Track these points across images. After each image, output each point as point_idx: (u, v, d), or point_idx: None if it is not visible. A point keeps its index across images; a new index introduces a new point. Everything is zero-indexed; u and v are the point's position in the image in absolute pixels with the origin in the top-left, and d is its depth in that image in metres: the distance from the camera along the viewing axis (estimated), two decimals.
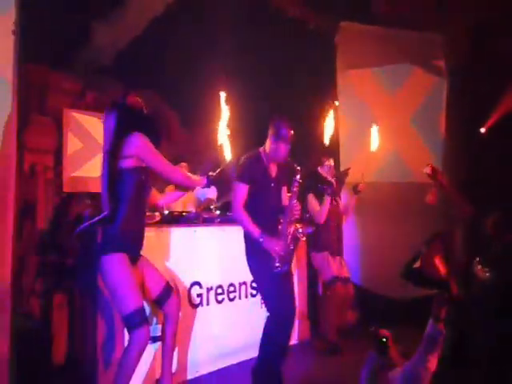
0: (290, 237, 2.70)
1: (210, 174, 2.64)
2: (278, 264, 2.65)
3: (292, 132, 2.78)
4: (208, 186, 2.63)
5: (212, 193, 4.12)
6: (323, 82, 4.42)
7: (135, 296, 2.32)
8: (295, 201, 2.74)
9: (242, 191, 2.73)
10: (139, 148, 2.35)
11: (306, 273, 4.27)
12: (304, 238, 2.86)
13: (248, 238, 2.78)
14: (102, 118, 2.56)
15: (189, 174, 2.65)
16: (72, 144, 5.10)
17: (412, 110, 4.97)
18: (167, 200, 2.95)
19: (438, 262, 2.14)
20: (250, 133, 3.66)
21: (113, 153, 2.34)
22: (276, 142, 2.76)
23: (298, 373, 3.34)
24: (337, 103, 4.24)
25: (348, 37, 4.53)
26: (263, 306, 2.96)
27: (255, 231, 2.66)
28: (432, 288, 2.10)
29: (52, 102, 5.28)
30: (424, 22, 4.55)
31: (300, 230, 2.73)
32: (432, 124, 4.99)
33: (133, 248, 2.43)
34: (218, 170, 2.67)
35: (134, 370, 2.32)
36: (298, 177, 2.75)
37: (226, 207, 3.77)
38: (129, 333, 2.32)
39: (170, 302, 2.61)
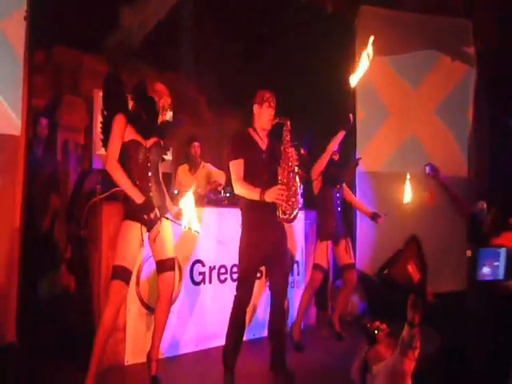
0: (290, 181, 2.71)
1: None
2: (285, 214, 2.67)
3: (274, 97, 2.81)
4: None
5: (221, 176, 4.21)
6: (342, 67, 4.35)
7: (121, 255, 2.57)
8: (290, 149, 2.75)
9: (237, 166, 2.77)
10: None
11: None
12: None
13: (243, 216, 2.83)
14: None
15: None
16: None
17: (438, 99, 4.79)
18: None
19: (411, 268, 2.10)
20: None
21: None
22: (260, 107, 2.81)
23: (300, 357, 3.41)
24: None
25: (369, 22, 4.40)
26: (267, 287, 3.03)
27: (256, 192, 2.67)
28: (405, 293, 2.08)
29: (84, 83, 5.55)
30: (450, 6, 4.34)
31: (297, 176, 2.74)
32: (459, 114, 4.80)
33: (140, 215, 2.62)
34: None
35: (108, 317, 2.51)
36: (289, 124, 2.78)
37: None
38: None
39: (161, 277, 2.74)
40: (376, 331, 2.10)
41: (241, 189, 2.76)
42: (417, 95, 4.76)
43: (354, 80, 2.90)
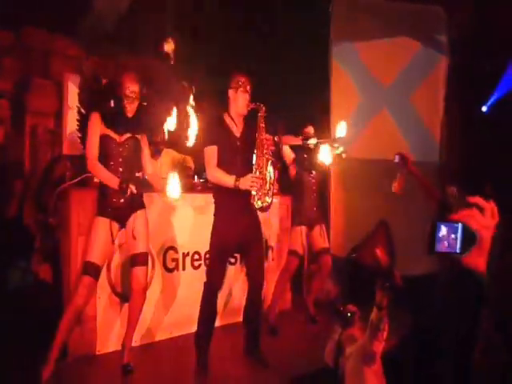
0: (264, 168, 2.71)
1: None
2: (259, 198, 2.68)
3: (249, 81, 2.79)
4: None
5: (188, 161, 4.15)
6: (317, 52, 4.33)
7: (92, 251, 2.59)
8: (265, 136, 2.75)
9: (211, 153, 2.75)
10: None
11: None
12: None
13: (216, 202, 2.83)
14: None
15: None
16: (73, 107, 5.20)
17: (412, 86, 4.83)
18: None
19: (379, 251, 2.13)
20: None
21: None
22: (235, 92, 2.78)
23: (275, 342, 3.43)
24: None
25: (343, 8, 4.38)
26: (244, 272, 3.02)
27: (230, 180, 2.66)
28: (373, 276, 2.10)
29: (55, 66, 5.37)
30: None
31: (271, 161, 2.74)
32: (432, 103, 4.85)
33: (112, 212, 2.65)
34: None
35: (73, 309, 2.55)
36: (264, 110, 2.77)
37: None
38: None
39: (133, 271, 2.73)
40: (349, 314, 2.13)
41: (214, 175, 2.74)
42: (392, 83, 4.79)
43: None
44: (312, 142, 3.53)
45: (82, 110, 2.76)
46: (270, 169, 2.73)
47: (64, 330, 2.53)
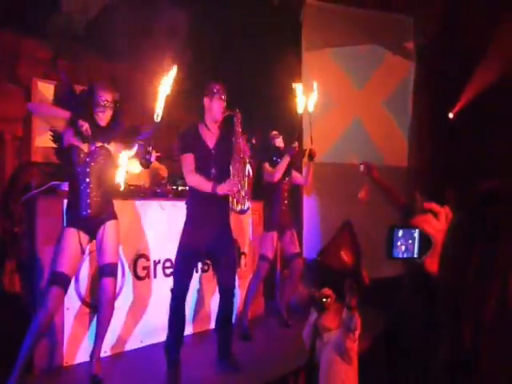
0: (241, 173, 2.73)
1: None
2: (238, 205, 2.70)
3: (224, 88, 2.80)
4: None
5: (162, 170, 4.13)
6: (288, 61, 4.36)
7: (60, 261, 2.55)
8: (241, 141, 2.77)
9: (188, 159, 2.77)
10: None
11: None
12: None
13: (189, 208, 2.83)
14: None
15: None
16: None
17: (385, 93, 4.93)
18: None
19: (344, 253, 2.16)
20: None
21: None
22: (210, 100, 2.79)
23: (248, 347, 3.43)
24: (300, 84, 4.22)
25: (314, 16, 4.43)
26: (215, 280, 3.02)
27: (208, 185, 2.68)
28: (339, 279, 2.12)
29: (23, 70, 5.24)
30: (393, 2, 4.45)
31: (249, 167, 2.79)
32: (404, 108, 4.97)
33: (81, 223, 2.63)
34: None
35: (41, 320, 2.49)
36: (239, 115, 2.79)
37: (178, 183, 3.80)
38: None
39: (102, 282, 2.70)
40: (324, 299, 2.14)
41: (192, 180, 2.77)
42: (364, 90, 4.88)
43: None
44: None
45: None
46: (247, 172, 2.77)
47: (31, 341, 2.47)
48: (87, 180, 2.64)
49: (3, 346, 2.69)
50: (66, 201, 2.79)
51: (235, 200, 2.71)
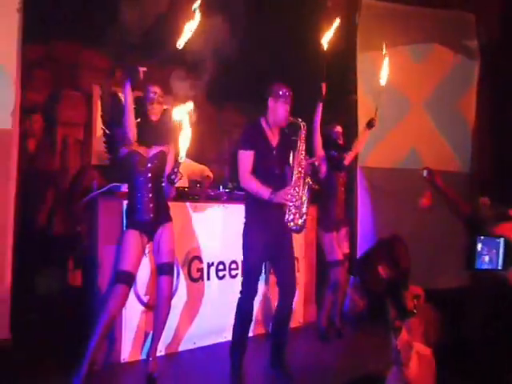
0: (301, 188, 2.66)
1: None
2: (293, 218, 2.64)
3: (291, 92, 2.72)
4: None
5: (206, 171, 4.11)
6: (343, 63, 4.28)
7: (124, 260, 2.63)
8: (303, 156, 2.69)
9: (246, 158, 2.68)
10: None
11: (315, 256, 4.25)
12: (316, 186, 2.82)
13: (249, 210, 2.77)
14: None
15: None
16: None
17: (424, 94, 4.69)
18: None
19: (382, 270, 1.99)
20: None
21: None
22: (275, 102, 2.71)
23: (299, 355, 3.34)
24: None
25: (370, 16, 4.32)
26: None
27: (265, 191, 2.61)
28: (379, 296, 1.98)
29: (83, 78, 5.50)
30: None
31: (309, 179, 2.70)
32: (443, 109, 4.69)
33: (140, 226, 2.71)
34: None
35: (108, 317, 2.56)
36: (305, 128, 2.71)
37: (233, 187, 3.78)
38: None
39: (159, 281, 2.76)
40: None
41: (249, 184, 2.68)
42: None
43: None
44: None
45: (107, 131, 2.88)
46: (306, 190, 2.69)
47: (99, 337, 2.54)
48: (149, 185, 2.70)
49: (66, 334, 2.81)
50: (125, 202, 2.88)
51: (289, 217, 2.64)
